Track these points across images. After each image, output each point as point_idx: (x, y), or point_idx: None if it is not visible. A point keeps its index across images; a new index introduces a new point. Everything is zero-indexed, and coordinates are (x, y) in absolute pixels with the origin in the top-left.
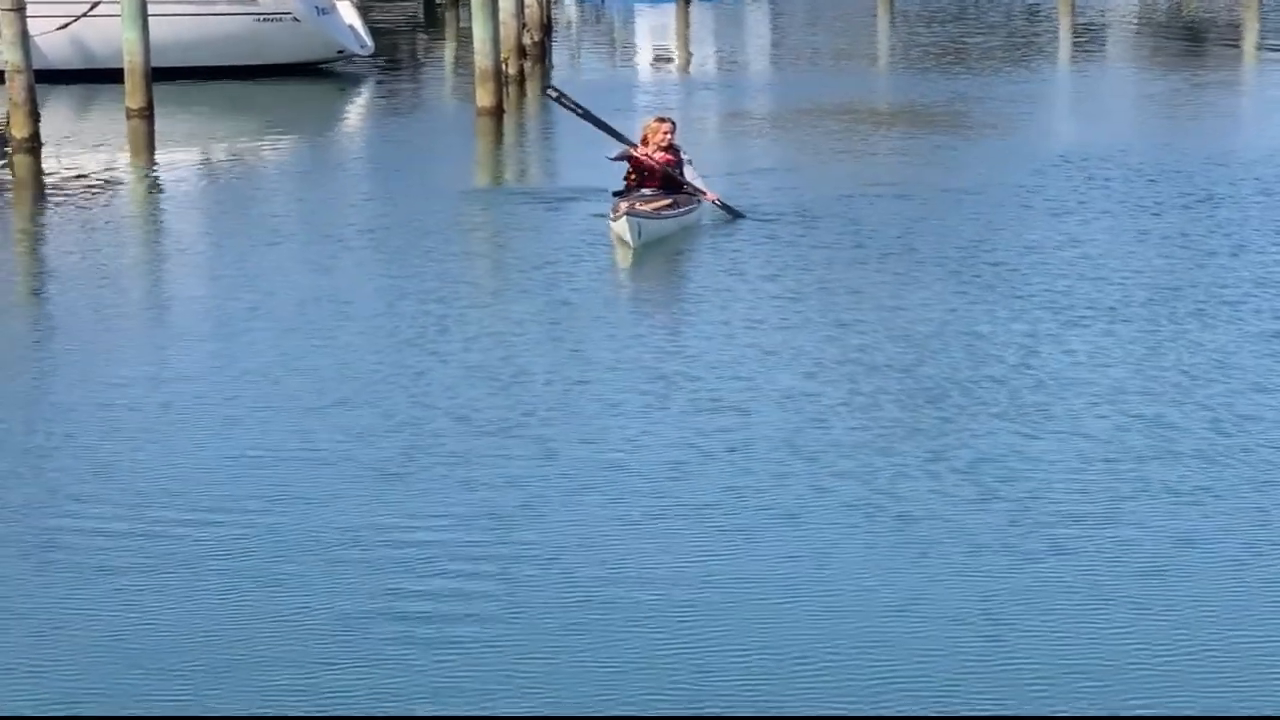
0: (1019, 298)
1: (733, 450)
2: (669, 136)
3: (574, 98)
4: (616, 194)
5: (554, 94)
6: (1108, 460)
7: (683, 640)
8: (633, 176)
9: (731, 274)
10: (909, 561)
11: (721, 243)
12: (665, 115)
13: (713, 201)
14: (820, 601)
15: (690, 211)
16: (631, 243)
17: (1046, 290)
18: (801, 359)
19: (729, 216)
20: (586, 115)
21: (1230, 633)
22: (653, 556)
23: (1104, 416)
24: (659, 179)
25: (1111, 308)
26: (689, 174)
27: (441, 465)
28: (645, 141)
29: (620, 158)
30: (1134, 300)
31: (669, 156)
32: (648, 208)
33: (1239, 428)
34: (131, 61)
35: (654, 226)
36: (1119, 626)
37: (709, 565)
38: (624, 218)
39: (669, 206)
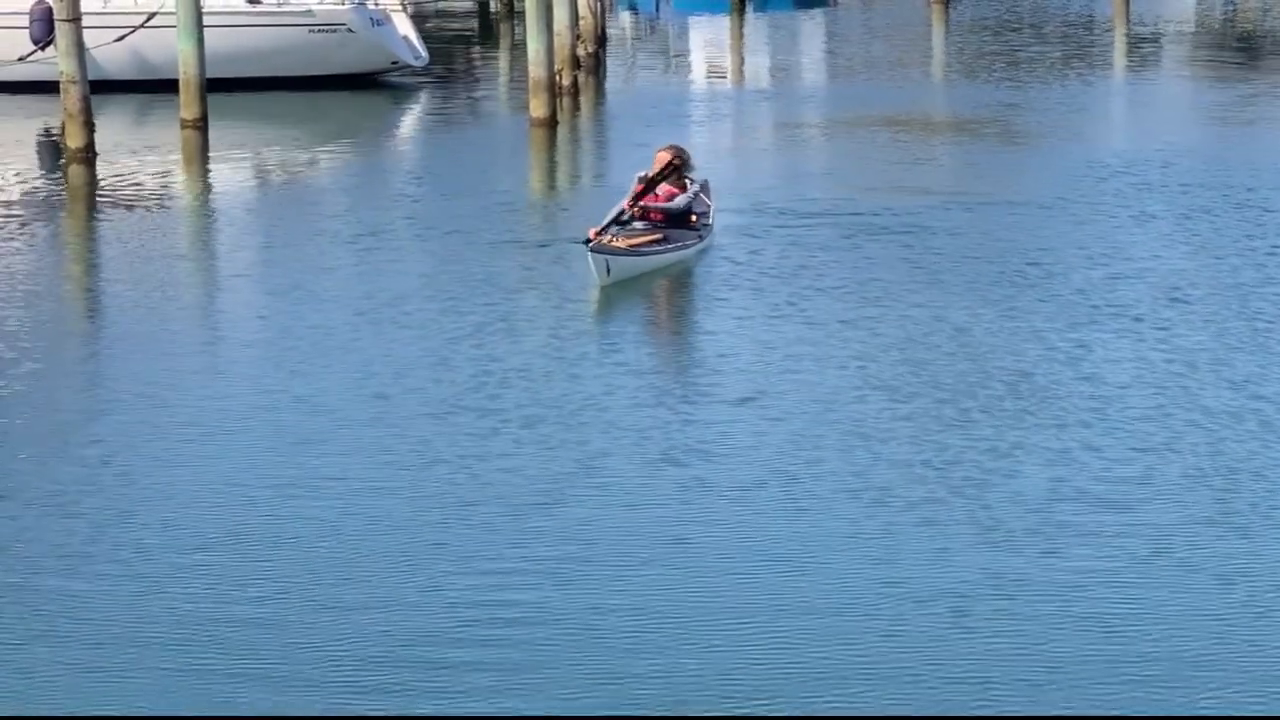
0: (1076, 305)
1: (791, 462)
2: (660, 165)
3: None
4: (617, 221)
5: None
6: (1169, 469)
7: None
8: (636, 208)
9: (781, 280)
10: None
11: (769, 250)
12: (671, 144)
13: (633, 209)
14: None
15: (679, 248)
16: (599, 280)
17: (1101, 297)
18: (854, 365)
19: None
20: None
21: None
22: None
23: (1163, 424)
24: (663, 214)
25: (1165, 314)
26: (679, 202)
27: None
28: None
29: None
30: (1184, 307)
31: (672, 189)
32: (624, 244)
33: None
34: (186, 72)
35: (627, 264)
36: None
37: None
38: (592, 254)
39: (655, 242)
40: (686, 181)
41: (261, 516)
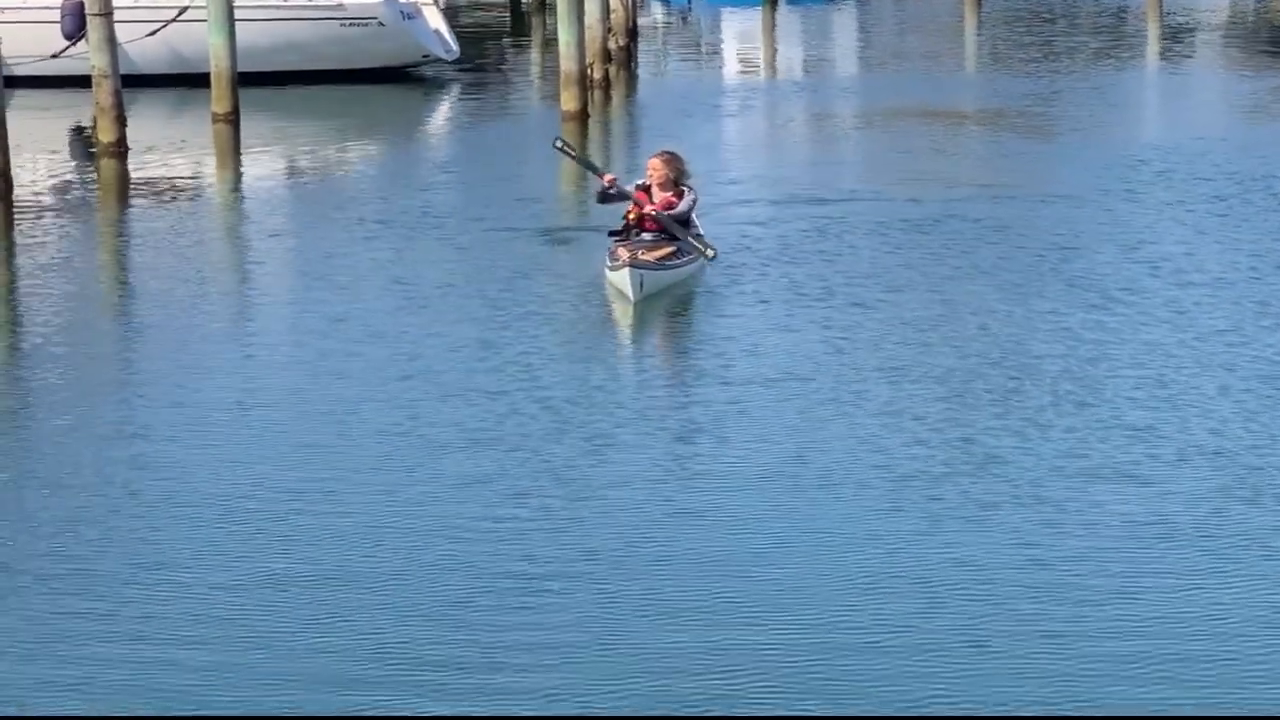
0: (1106, 295)
1: (822, 448)
2: (654, 173)
3: (577, 152)
4: (613, 234)
5: (559, 144)
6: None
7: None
8: (631, 215)
9: (813, 271)
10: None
11: (800, 241)
12: (664, 150)
13: (650, 214)
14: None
15: (694, 260)
16: (632, 296)
17: (1135, 288)
18: (887, 354)
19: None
20: (589, 165)
21: None
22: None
23: (1198, 410)
24: (660, 223)
25: (1198, 304)
26: (681, 206)
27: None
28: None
29: (607, 197)
30: (1216, 296)
31: (671, 197)
32: (651, 257)
33: None
34: (218, 66)
35: (656, 279)
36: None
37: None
38: (626, 269)
39: (673, 255)
40: (684, 189)
41: (290, 494)
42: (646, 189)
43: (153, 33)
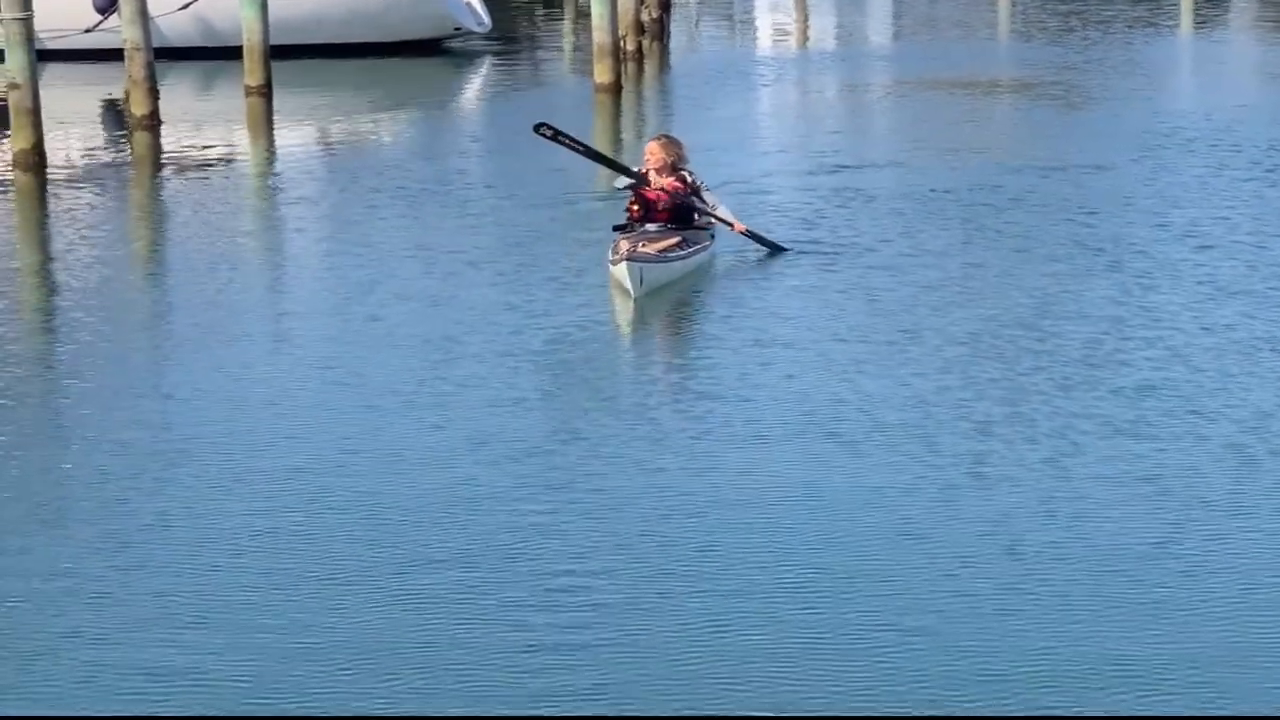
0: (1142, 270)
1: (868, 429)
2: (652, 158)
3: (570, 135)
4: (618, 228)
5: (548, 133)
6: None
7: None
8: (636, 208)
9: (847, 242)
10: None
11: (833, 212)
12: (662, 134)
13: (742, 233)
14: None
15: (701, 250)
16: (633, 291)
17: (1172, 262)
18: (921, 324)
19: (765, 250)
20: (588, 151)
21: None
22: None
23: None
24: (668, 212)
25: (1228, 279)
26: (709, 200)
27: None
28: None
29: (630, 189)
30: (1255, 267)
31: (676, 184)
32: (653, 249)
33: None
34: (250, 39)
35: (659, 272)
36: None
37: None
38: (624, 263)
39: (677, 246)
40: (684, 174)
41: (310, 453)
42: (644, 174)
43: (185, 6)
